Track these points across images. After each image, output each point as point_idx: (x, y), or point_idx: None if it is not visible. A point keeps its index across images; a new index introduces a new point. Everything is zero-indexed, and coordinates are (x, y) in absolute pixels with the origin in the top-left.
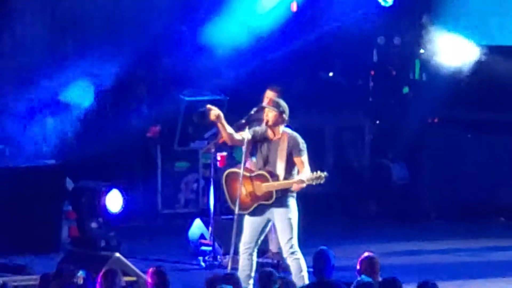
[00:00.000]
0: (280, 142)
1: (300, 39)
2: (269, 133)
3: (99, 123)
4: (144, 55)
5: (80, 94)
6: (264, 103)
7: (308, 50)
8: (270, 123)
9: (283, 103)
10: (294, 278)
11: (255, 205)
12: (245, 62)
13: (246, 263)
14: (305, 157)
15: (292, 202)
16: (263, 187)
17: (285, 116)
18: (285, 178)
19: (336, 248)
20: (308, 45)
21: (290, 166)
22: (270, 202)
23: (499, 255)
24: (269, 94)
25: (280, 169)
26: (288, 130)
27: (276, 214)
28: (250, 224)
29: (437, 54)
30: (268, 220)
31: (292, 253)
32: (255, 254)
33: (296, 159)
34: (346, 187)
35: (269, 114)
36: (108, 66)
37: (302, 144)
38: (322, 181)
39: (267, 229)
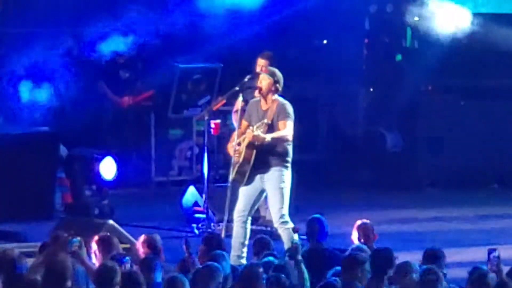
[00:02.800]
0: (269, 111)
1: (293, 7)
2: (262, 102)
3: (92, 91)
4: (138, 24)
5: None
6: (258, 71)
7: (301, 18)
8: (263, 90)
9: (278, 73)
10: (286, 247)
11: (247, 173)
12: (239, 30)
13: (239, 231)
14: (289, 122)
15: (286, 172)
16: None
17: (279, 86)
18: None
19: (330, 216)
20: (301, 13)
21: (273, 131)
22: (251, 165)
23: (492, 223)
24: (261, 62)
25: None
26: (280, 99)
27: (268, 184)
28: (244, 192)
29: (429, 22)
30: (263, 190)
31: (283, 222)
32: (249, 222)
33: (279, 123)
34: (339, 155)
35: (263, 82)
36: (102, 35)
37: (290, 112)
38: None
39: (262, 198)
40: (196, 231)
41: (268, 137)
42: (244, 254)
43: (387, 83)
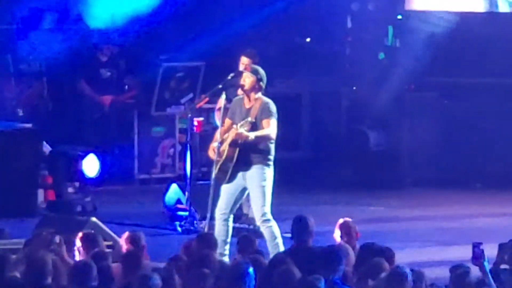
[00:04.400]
0: (252, 109)
1: (276, 5)
2: (245, 100)
3: (75, 88)
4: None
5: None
6: (241, 69)
7: (284, 16)
8: (246, 88)
9: (261, 71)
10: (269, 245)
11: (230, 170)
12: (222, 27)
13: (222, 229)
14: (272, 121)
15: (268, 170)
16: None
17: (262, 84)
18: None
19: (313, 214)
20: (284, 11)
21: (256, 129)
22: (233, 163)
23: (475, 222)
24: (244, 60)
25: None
26: (263, 97)
27: (250, 181)
28: (226, 190)
29: (411, 20)
30: (244, 188)
31: (265, 221)
32: (231, 220)
33: (263, 122)
34: (322, 153)
35: (246, 80)
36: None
37: (273, 110)
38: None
39: (243, 196)
40: (179, 229)
41: (252, 135)
42: (227, 252)
43: (370, 82)
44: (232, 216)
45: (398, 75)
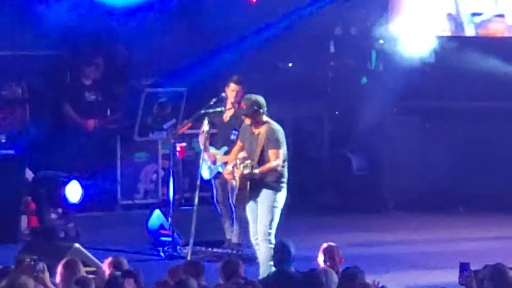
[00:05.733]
0: (260, 136)
1: (259, 30)
2: (252, 126)
3: (58, 113)
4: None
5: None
6: (230, 96)
7: (267, 41)
8: (250, 123)
9: (254, 99)
10: (262, 266)
11: (247, 198)
12: (204, 53)
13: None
14: (277, 151)
15: (279, 194)
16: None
17: (262, 111)
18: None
19: (295, 239)
20: (267, 35)
21: (263, 157)
22: (248, 191)
23: (458, 245)
24: (234, 87)
25: (255, 160)
26: (270, 123)
27: (260, 204)
28: (251, 216)
29: (394, 45)
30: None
31: (267, 240)
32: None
33: (269, 152)
34: (305, 177)
35: (246, 121)
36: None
37: (280, 139)
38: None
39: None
40: (162, 254)
41: (257, 173)
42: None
43: (352, 106)
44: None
45: (380, 99)
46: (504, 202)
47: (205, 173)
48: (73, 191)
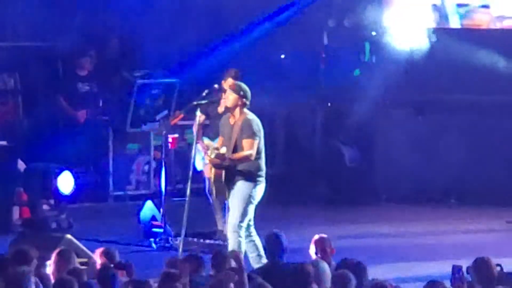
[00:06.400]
0: (235, 126)
1: (252, 21)
2: (231, 117)
3: (51, 105)
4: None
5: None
6: (224, 87)
7: (259, 33)
8: (229, 105)
9: (244, 87)
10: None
11: (226, 188)
12: (197, 44)
13: (248, 245)
14: (251, 141)
15: (252, 186)
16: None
17: (246, 100)
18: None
19: (287, 230)
20: (259, 27)
21: (237, 148)
22: (223, 181)
23: (450, 238)
24: (230, 81)
25: (229, 151)
26: (247, 114)
27: (231, 196)
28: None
29: (387, 37)
30: None
31: (235, 232)
32: (254, 232)
33: (243, 141)
34: (297, 169)
35: (229, 97)
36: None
37: (255, 129)
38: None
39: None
40: (154, 246)
41: (227, 159)
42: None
43: (345, 98)
44: (253, 228)
45: (373, 91)
46: (496, 194)
47: (199, 164)
48: (65, 182)
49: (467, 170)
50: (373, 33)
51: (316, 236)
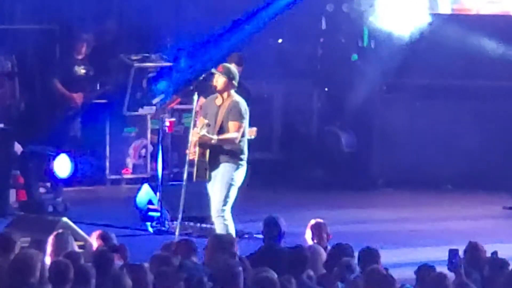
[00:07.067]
0: (221, 107)
1: (250, 6)
2: (217, 99)
3: (48, 88)
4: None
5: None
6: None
7: (257, 17)
8: (218, 88)
9: (233, 69)
10: None
11: (208, 168)
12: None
13: (220, 228)
14: (237, 124)
15: (235, 169)
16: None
17: (234, 83)
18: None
19: (284, 215)
20: (256, 12)
21: (222, 130)
22: (207, 160)
23: (446, 223)
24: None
25: (215, 132)
26: (234, 96)
27: (214, 178)
28: (210, 190)
29: (386, 22)
30: None
31: (220, 216)
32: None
33: (229, 123)
34: (294, 154)
35: (219, 80)
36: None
37: (241, 111)
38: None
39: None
40: (150, 229)
41: (215, 138)
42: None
43: (342, 83)
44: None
45: (370, 76)
46: (492, 180)
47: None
48: (62, 166)
49: (464, 155)
50: (371, 19)
51: (313, 221)
